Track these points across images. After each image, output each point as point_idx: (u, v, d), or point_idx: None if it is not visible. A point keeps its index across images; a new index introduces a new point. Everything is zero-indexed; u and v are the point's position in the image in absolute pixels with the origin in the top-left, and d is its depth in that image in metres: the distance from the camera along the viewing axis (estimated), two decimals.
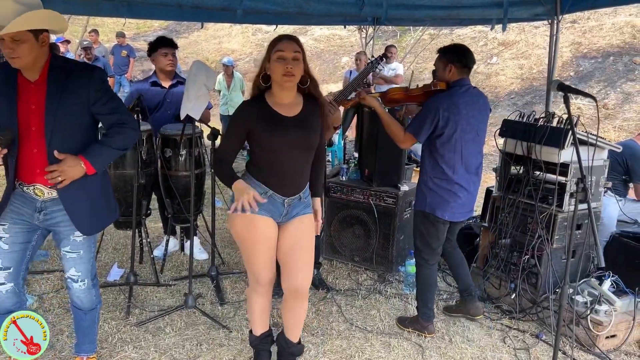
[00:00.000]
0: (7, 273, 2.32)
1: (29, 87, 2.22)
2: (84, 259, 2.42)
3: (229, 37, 17.41)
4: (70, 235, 2.36)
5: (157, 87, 3.86)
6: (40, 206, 2.31)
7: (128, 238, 4.52)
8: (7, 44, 2.10)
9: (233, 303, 3.51)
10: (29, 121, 2.21)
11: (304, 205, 2.54)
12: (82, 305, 2.52)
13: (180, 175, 3.75)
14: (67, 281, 2.47)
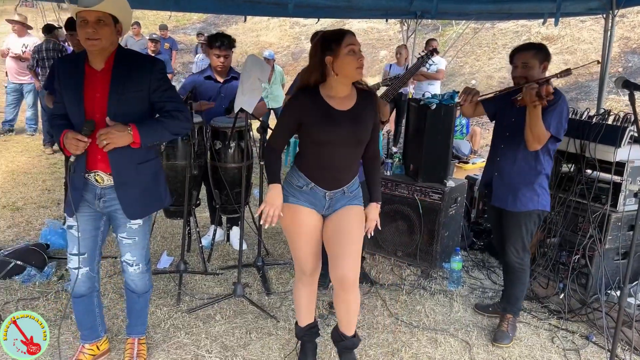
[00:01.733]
0: (83, 258, 2.47)
1: (95, 75, 2.30)
2: (139, 245, 2.52)
3: (267, 30, 17.51)
4: (127, 222, 2.45)
5: (211, 81, 3.93)
6: (99, 193, 2.39)
7: (175, 227, 4.65)
8: (91, 24, 2.18)
9: (279, 293, 3.57)
10: (94, 109, 2.29)
11: (349, 198, 2.54)
12: (136, 289, 2.62)
13: (229, 167, 3.82)
14: (122, 265, 2.58)
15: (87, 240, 2.46)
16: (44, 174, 6.14)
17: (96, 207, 2.42)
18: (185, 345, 2.91)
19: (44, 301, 3.25)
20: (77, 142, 2.21)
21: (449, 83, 11.47)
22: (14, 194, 5.37)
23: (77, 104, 2.29)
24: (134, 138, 2.26)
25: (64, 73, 2.35)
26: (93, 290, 2.60)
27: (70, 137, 2.22)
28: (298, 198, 2.48)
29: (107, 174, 2.36)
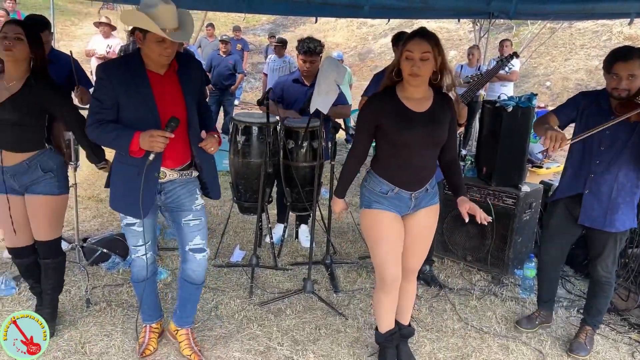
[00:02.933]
0: (148, 245, 2.60)
1: (160, 80, 2.38)
2: (204, 226, 2.62)
3: (334, 30, 17.62)
4: (192, 204, 2.57)
5: (298, 84, 4.04)
6: (159, 188, 2.50)
7: (246, 222, 4.80)
8: (169, 44, 2.27)
9: (347, 292, 3.61)
10: (165, 110, 2.37)
11: (430, 196, 2.58)
12: (196, 279, 2.66)
13: (301, 165, 3.90)
14: (188, 254, 2.61)
15: (148, 231, 2.58)
16: None
17: (157, 201, 2.53)
18: (258, 336, 3.01)
19: (127, 287, 3.45)
20: (163, 140, 2.28)
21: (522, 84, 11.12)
22: (97, 186, 5.71)
23: (146, 106, 2.35)
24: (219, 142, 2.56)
25: (122, 78, 2.34)
26: (154, 272, 2.74)
27: (156, 134, 2.26)
28: (382, 204, 2.51)
29: (169, 169, 2.47)
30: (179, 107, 2.41)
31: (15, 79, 2.58)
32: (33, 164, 2.67)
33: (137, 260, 2.64)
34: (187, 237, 2.59)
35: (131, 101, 2.34)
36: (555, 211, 3.03)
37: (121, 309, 3.20)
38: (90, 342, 2.85)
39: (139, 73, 2.34)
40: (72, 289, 3.38)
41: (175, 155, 2.47)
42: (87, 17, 19.25)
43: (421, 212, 2.57)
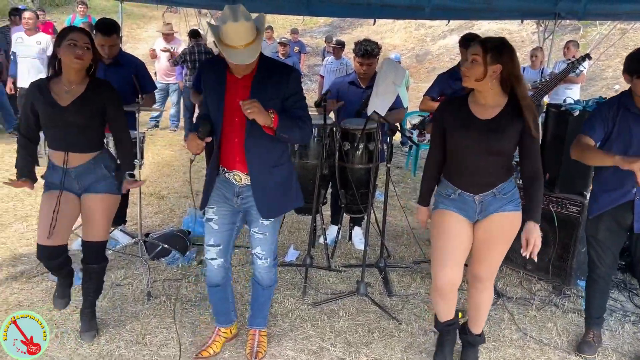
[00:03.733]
0: (219, 249, 2.62)
1: (237, 82, 2.40)
2: (269, 240, 2.62)
3: (391, 32, 17.50)
4: (259, 218, 2.55)
5: (354, 86, 4.04)
6: (237, 191, 2.53)
7: (301, 222, 4.84)
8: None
9: (400, 296, 3.58)
10: (234, 113, 2.39)
11: (503, 202, 2.48)
12: (262, 281, 2.73)
13: (356, 167, 3.90)
14: (253, 257, 2.69)
15: (223, 233, 2.61)
16: (184, 167, 6.70)
17: (234, 204, 2.55)
18: (311, 336, 3.03)
19: (185, 283, 3.56)
20: (195, 144, 2.34)
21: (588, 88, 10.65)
22: (159, 183, 5.93)
23: (218, 108, 2.43)
24: (274, 122, 2.29)
25: (209, 78, 2.48)
26: (227, 280, 2.76)
27: (191, 137, 2.36)
28: (447, 205, 2.54)
29: (244, 174, 2.48)
30: (242, 113, 2.34)
31: (75, 83, 2.68)
32: (97, 163, 2.78)
33: (208, 264, 2.67)
34: (252, 243, 2.67)
35: (210, 100, 2.48)
36: (601, 225, 2.87)
37: (180, 303, 3.30)
38: (151, 333, 2.96)
39: (221, 74, 2.42)
40: (134, 282, 3.52)
41: (243, 159, 2.45)
42: (151, 20, 20.03)
43: (491, 217, 2.50)
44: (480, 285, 2.61)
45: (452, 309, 2.69)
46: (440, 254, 2.52)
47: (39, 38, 6.76)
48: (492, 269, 2.59)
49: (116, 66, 3.85)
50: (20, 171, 2.78)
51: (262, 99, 2.32)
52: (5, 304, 3.18)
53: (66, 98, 2.67)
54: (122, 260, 3.81)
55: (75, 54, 2.58)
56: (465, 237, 2.53)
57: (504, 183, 2.48)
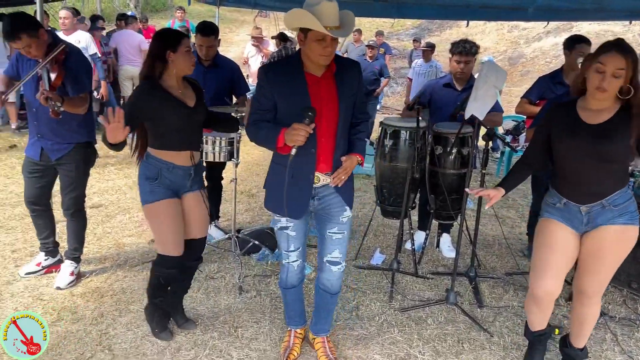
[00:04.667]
0: (298, 252, 2.61)
1: (318, 82, 2.35)
2: (346, 240, 2.57)
3: (483, 34, 16.95)
4: (339, 216, 2.51)
5: (449, 89, 3.96)
6: (314, 193, 2.47)
7: (386, 226, 4.81)
8: (329, 43, 2.23)
9: (492, 308, 3.44)
10: (320, 113, 2.32)
11: (613, 214, 2.33)
12: (331, 289, 2.63)
13: (448, 172, 3.80)
14: (324, 265, 2.59)
15: (300, 236, 2.58)
16: None
17: (310, 206, 2.49)
18: (398, 342, 2.99)
19: (274, 279, 3.64)
20: (304, 132, 2.22)
21: None
22: (249, 182, 6.12)
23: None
24: (361, 163, 2.50)
25: (280, 79, 2.34)
26: (302, 280, 2.75)
27: (297, 127, 2.21)
28: (552, 214, 2.45)
29: (324, 174, 2.43)
30: (332, 111, 2.36)
31: (183, 84, 2.76)
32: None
33: (288, 267, 2.64)
34: (327, 248, 2.57)
35: (288, 103, 2.33)
36: None
37: (270, 299, 3.38)
38: (242, 327, 3.05)
39: (297, 74, 2.34)
40: (227, 276, 3.65)
41: (329, 159, 2.43)
42: (243, 24, 20.80)
43: (600, 229, 2.36)
44: (586, 300, 2.48)
45: (546, 320, 2.60)
46: (542, 263, 2.43)
47: (77, 37, 6.42)
48: (598, 284, 2.45)
49: (214, 68, 4.01)
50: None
51: (348, 96, 2.39)
52: (110, 289, 3.41)
53: (190, 97, 2.75)
54: (216, 255, 3.96)
55: (192, 61, 2.69)
56: (570, 248, 2.41)
57: (615, 194, 2.32)
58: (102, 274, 3.61)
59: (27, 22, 2.96)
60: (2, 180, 5.52)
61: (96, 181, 5.69)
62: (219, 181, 4.39)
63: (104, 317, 3.08)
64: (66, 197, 3.37)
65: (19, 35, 2.91)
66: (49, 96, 2.83)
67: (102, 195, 5.30)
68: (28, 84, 3.13)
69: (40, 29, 2.99)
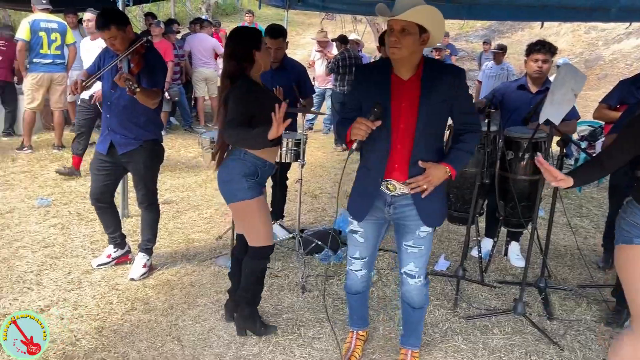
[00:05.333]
0: (363, 262, 2.58)
1: (402, 84, 2.30)
2: (424, 255, 2.47)
3: (557, 36, 16.27)
4: (416, 229, 2.42)
5: (523, 91, 3.84)
6: (390, 200, 2.41)
7: (451, 232, 4.71)
8: (395, 33, 2.17)
9: (562, 320, 3.30)
10: (399, 118, 2.30)
11: None
12: (412, 302, 2.57)
13: (519, 178, 3.67)
14: (402, 277, 2.54)
15: (369, 246, 2.54)
16: (335, 169, 6.91)
17: (385, 214, 2.45)
18: (462, 350, 2.92)
19: (337, 280, 3.66)
20: (365, 127, 2.21)
21: None
22: (312, 183, 6.18)
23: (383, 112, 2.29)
24: (452, 174, 2.31)
25: (368, 81, 2.38)
26: (367, 288, 2.72)
27: (359, 121, 2.22)
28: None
29: (400, 182, 2.36)
30: (412, 117, 2.29)
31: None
32: None
33: (351, 274, 2.63)
34: (403, 260, 2.52)
35: (369, 103, 2.30)
36: None
37: (332, 299, 3.40)
38: (305, 325, 3.09)
39: (384, 77, 2.33)
40: (290, 274, 3.71)
41: (404, 167, 2.34)
42: (309, 27, 21.04)
43: None
44: None
45: None
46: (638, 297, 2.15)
47: (101, 42, 5.45)
48: None
49: (282, 70, 4.09)
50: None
51: (434, 101, 2.27)
52: (180, 283, 3.55)
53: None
54: (280, 253, 4.03)
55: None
56: None
57: None
58: (172, 267, 3.76)
59: (118, 16, 3.23)
60: (82, 176, 5.87)
61: (168, 178, 5.94)
62: (284, 181, 4.47)
63: (173, 308, 3.21)
64: (139, 193, 3.53)
65: (109, 25, 3.14)
66: (127, 77, 3.02)
67: (173, 192, 5.52)
68: (106, 78, 3.36)
69: (128, 26, 3.24)
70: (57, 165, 5.88)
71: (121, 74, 3.06)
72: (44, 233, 4.24)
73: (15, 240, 4.09)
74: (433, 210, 2.41)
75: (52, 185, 5.48)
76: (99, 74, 3.33)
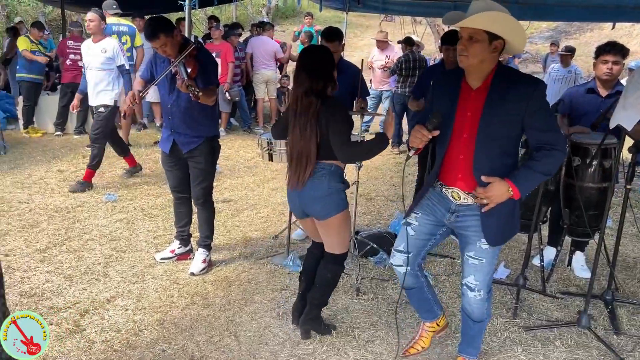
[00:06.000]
0: (406, 257, 2.52)
1: (470, 94, 2.27)
2: (485, 268, 2.40)
3: (629, 37, 15.48)
4: (477, 241, 2.36)
5: (593, 95, 3.70)
6: (453, 208, 2.40)
7: (512, 239, 4.55)
8: (463, 40, 2.15)
9: (631, 336, 3.13)
10: (463, 128, 2.27)
11: None
12: (472, 315, 2.51)
13: (586, 186, 3.52)
14: (462, 288, 2.48)
15: (417, 241, 2.52)
16: (391, 171, 6.86)
17: (445, 219, 2.43)
18: None
19: (391, 284, 3.64)
20: (420, 135, 2.22)
21: None
22: (367, 185, 6.16)
23: (448, 118, 2.28)
24: (514, 193, 2.21)
25: (440, 86, 2.40)
26: (420, 283, 2.66)
27: (417, 129, 2.23)
28: None
29: (465, 192, 2.34)
30: (474, 128, 2.24)
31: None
32: None
33: (394, 269, 2.64)
34: (464, 271, 2.47)
35: (439, 109, 2.31)
36: None
37: (386, 303, 3.38)
38: (359, 328, 3.08)
39: (455, 84, 2.31)
40: (344, 276, 3.70)
41: (469, 178, 2.30)
42: (368, 29, 21.02)
43: None
44: None
45: None
46: None
47: (104, 45, 5.40)
48: None
49: (338, 73, 4.09)
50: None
51: (499, 113, 2.19)
52: (238, 279, 3.63)
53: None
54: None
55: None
56: None
57: None
58: (230, 264, 3.86)
59: (164, 24, 3.32)
60: (147, 173, 6.12)
61: (227, 178, 6.09)
62: None
63: (231, 304, 3.28)
64: (196, 188, 3.64)
65: (158, 34, 3.23)
66: (189, 84, 3.13)
67: (232, 191, 5.65)
68: (162, 84, 3.49)
69: (175, 30, 3.34)
70: (124, 162, 6.14)
71: (183, 81, 3.17)
72: (110, 227, 4.45)
73: (85, 233, 4.32)
74: (497, 228, 2.33)
75: (118, 182, 5.74)
76: (156, 81, 3.47)
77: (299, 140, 2.68)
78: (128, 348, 2.81)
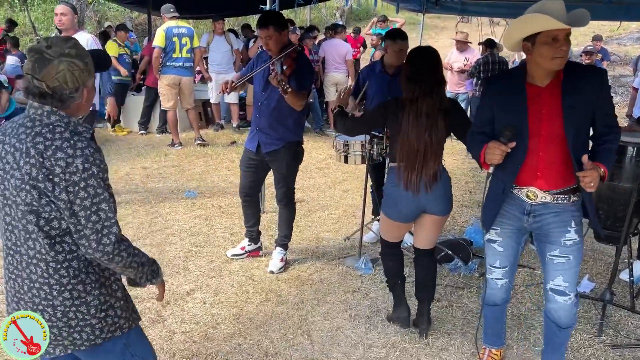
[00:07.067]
0: (504, 271, 2.51)
1: (540, 92, 2.24)
2: (573, 266, 2.31)
3: None
4: (561, 237, 2.29)
5: None
6: (529, 209, 2.33)
7: (597, 252, 4.33)
8: (563, 41, 2.11)
9: None
10: (540, 126, 2.23)
11: None
12: (558, 320, 2.39)
13: None
14: (548, 294, 2.38)
15: (509, 255, 2.47)
16: (466, 176, 6.67)
17: (524, 222, 2.37)
18: None
19: (467, 292, 3.54)
20: (499, 152, 2.19)
21: None
22: None
23: (518, 120, 2.24)
24: (605, 175, 2.17)
25: (500, 91, 2.36)
26: (506, 301, 2.61)
27: (492, 146, 2.20)
28: None
29: (542, 191, 2.28)
30: (555, 125, 2.21)
31: None
32: None
33: (490, 282, 2.56)
34: (549, 274, 2.36)
35: (505, 114, 2.29)
36: None
37: (461, 311, 3.30)
38: (433, 335, 3.02)
39: (518, 87, 2.28)
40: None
41: (550, 176, 2.26)
42: (443, 30, 20.62)
43: None
44: None
45: None
46: None
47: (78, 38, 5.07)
48: None
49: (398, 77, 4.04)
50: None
51: (578, 108, 2.19)
52: (310, 279, 3.67)
53: None
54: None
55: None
56: None
57: None
58: (303, 263, 3.91)
59: (278, 18, 3.47)
60: (224, 172, 6.32)
61: (300, 178, 6.11)
62: None
63: (304, 303, 3.33)
64: (279, 191, 3.72)
65: (268, 25, 3.35)
66: (281, 78, 3.21)
67: (305, 191, 5.72)
68: (258, 81, 3.58)
69: (286, 30, 3.47)
70: (203, 161, 6.37)
71: (276, 74, 3.25)
72: (190, 223, 4.64)
73: (166, 227, 4.53)
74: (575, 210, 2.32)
75: (197, 180, 5.97)
76: (250, 75, 3.56)
77: (426, 140, 2.69)
78: (206, 340, 2.92)
